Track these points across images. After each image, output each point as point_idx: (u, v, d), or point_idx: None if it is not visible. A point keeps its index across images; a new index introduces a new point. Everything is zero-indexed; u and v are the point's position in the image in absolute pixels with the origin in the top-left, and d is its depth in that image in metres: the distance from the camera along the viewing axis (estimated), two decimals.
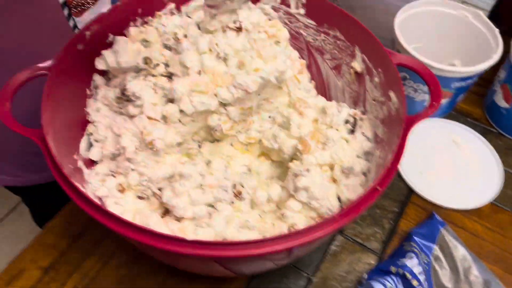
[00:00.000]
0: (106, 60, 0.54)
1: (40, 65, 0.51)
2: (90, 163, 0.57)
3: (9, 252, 1.53)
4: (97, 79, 0.58)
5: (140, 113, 0.54)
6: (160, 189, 0.55)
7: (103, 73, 0.58)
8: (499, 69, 0.77)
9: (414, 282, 0.56)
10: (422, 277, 0.57)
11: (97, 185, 0.54)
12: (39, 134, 0.46)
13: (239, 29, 0.52)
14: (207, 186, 0.52)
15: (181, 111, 0.52)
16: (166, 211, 0.55)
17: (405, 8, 0.76)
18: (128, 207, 0.54)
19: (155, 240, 0.40)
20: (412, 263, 0.57)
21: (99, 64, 0.55)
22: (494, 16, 0.81)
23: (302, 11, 0.62)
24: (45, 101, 0.47)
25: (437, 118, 0.78)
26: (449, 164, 0.73)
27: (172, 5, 0.61)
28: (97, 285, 0.60)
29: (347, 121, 0.57)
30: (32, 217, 1.18)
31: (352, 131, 0.57)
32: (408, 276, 0.56)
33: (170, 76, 0.55)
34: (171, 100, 0.53)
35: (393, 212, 0.68)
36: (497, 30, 0.73)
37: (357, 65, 0.60)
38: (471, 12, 0.75)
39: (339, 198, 0.55)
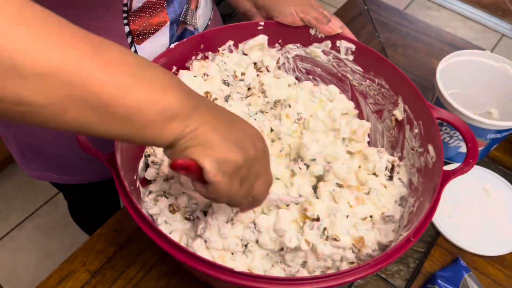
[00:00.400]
0: None
1: None
2: (144, 182, 0.62)
3: (43, 241, 1.61)
4: None
5: None
6: (204, 212, 0.60)
7: None
8: None
9: None
10: None
11: (151, 204, 0.60)
12: (109, 158, 0.51)
13: None
14: (238, 221, 0.57)
15: None
16: None
17: (450, 56, 0.79)
18: (176, 226, 0.59)
19: (207, 268, 0.45)
20: None
21: None
22: None
23: (350, 57, 0.66)
24: None
25: None
26: (477, 210, 0.76)
27: (231, 42, 0.66)
28: None
29: (385, 167, 0.61)
30: (69, 210, 1.26)
31: (390, 178, 0.61)
32: None
33: None
34: None
35: (419, 252, 0.71)
36: None
37: (399, 114, 0.64)
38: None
39: None
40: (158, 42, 0.65)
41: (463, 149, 0.78)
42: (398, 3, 2.40)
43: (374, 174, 0.61)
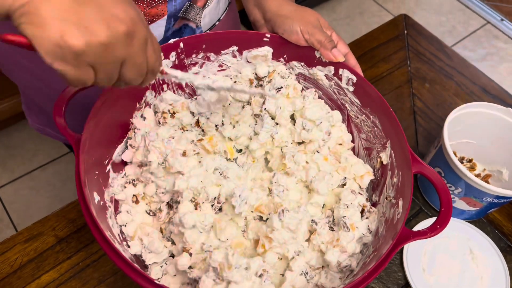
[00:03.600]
0: None
1: None
2: (119, 166, 0.63)
3: (59, 186, 1.69)
4: (149, 95, 0.64)
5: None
6: (169, 205, 0.61)
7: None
8: None
9: None
10: None
11: (118, 190, 0.61)
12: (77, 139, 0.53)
13: None
14: None
15: None
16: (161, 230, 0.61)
17: (470, 105, 0.74)
18: (136, 219, 0.60)
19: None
20: None
21: None
22: None
23: (351, 88, 0.64)
24: (94, 111, 0.54)
25: (462, 220, 0.77)
26: (456, 270, 0.72)
27: (235, 47, 0.65)
28: (96, 268, 0.67)
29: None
30: None
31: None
32: None
33: None
34: None
35: None
36: None
37: (384, 157, 0.61)
38: None
39: None
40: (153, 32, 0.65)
41: (457, 204, 0.73)
42: (466, 27, 2.27)
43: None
